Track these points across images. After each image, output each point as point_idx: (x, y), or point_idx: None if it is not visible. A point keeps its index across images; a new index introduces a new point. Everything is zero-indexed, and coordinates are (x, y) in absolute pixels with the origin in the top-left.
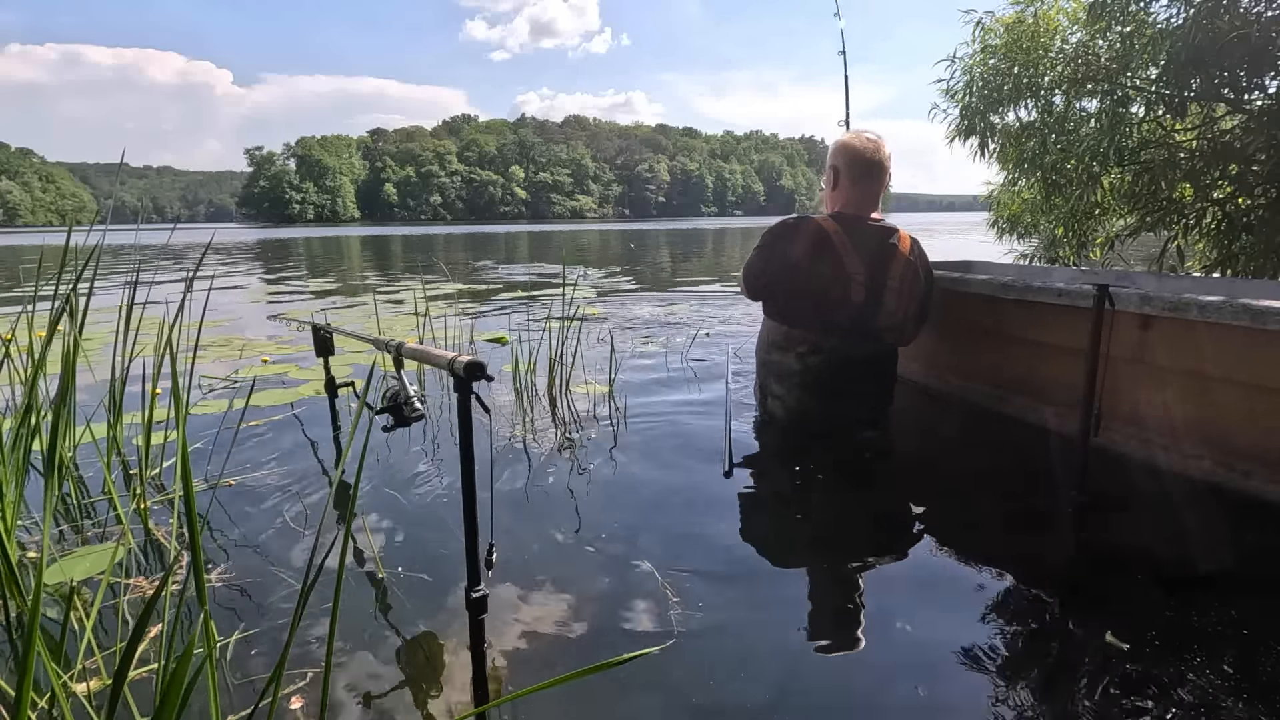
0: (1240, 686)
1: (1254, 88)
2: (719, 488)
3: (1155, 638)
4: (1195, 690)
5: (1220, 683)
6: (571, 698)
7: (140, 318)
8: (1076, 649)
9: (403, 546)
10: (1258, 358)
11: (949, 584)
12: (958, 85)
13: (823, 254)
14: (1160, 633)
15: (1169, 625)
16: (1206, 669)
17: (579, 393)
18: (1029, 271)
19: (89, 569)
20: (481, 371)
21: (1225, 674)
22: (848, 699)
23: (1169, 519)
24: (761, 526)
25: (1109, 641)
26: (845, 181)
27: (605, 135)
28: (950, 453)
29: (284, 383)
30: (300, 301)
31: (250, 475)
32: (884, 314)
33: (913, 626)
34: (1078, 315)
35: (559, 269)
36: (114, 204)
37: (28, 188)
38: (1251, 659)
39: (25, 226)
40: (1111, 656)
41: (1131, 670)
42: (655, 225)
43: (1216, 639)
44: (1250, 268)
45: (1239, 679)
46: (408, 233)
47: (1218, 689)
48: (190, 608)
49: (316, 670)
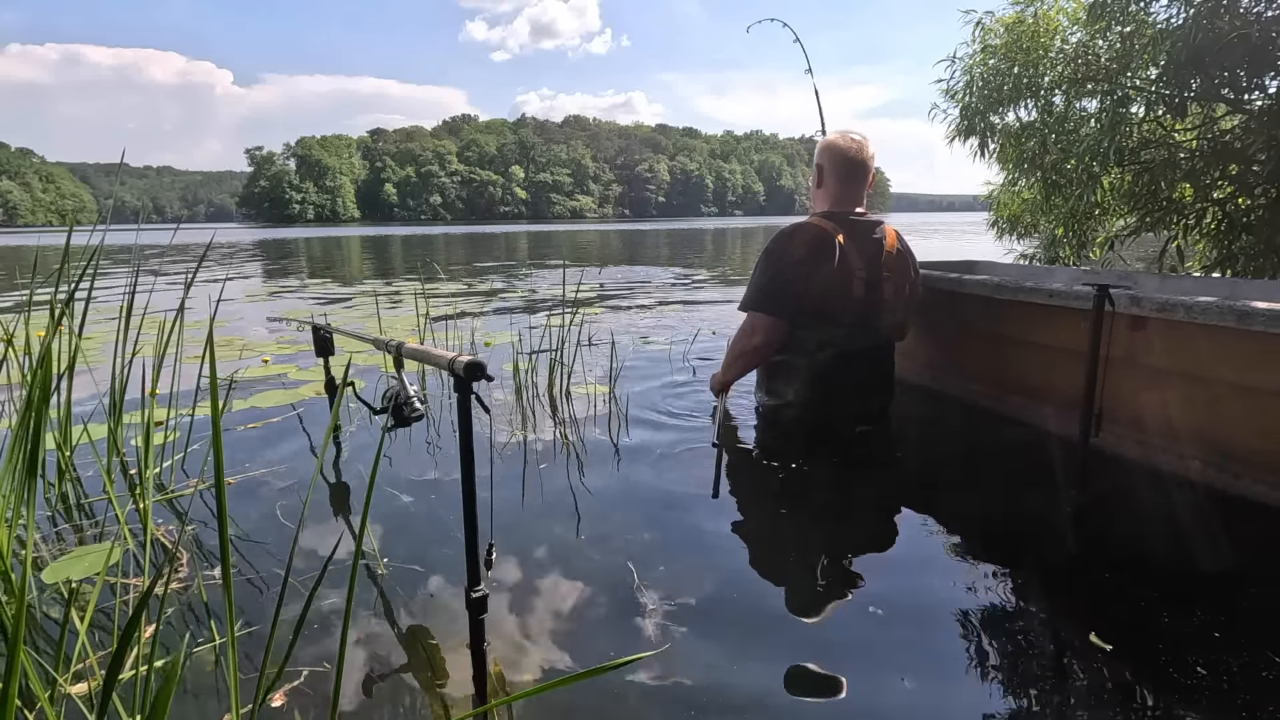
0: (1240, 686)
1: (1254, 88)
2: (720, 489)
3: (1154, 638)
4: (1194, 690)
5: (1219, 683)
6: (571, 698)
7: (142, 318)
8: (1075, 649)
9: (403, 546)
10: (1253, 359)
11: (948, 584)
12: (958, 85)
13: (824, 254)
14: (1160, 633)
15: (1168, 625)
16: (1205, 669)
17: (579, 393)
18: (1029, 272)
19: (87, 569)
20: (481, 371)
21: (1224, 674)
22: (847, 699)
23: (1168, 520)
24: (762, 527)
25: (1093, 642)
26: (831, 180)
27: (605, 135)
28: (950, 453)
29: (284, 383)
30: (300, 301)
31: (250, 475)
32: (885, 307)
33: (912, 626)
34: (1077, 316)
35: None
36: (114, 204)
37: (28, 188)
38: (1250, 659)
39: (25, 226)
40: (1099, 655)
41: (1130, 670)
42: (655, 225)
43: (1215, 639)
44: (1250, 268)
45: (1238, 679)
46: (408, 233)
47: (1217, 689)
48: (188, 607)
49: (313, 669)
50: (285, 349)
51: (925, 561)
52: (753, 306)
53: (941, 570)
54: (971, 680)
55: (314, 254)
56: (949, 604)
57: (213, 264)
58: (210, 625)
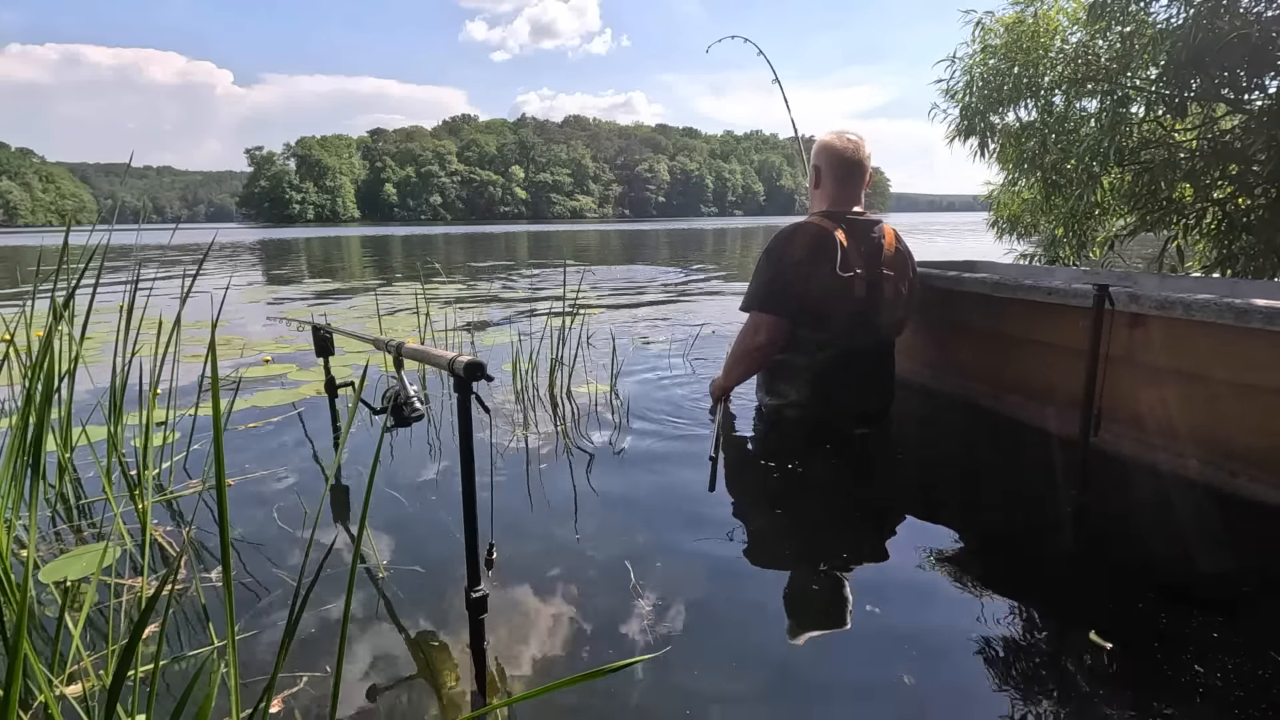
0: (1240, 686)
1: (1254, 88)
2: (720, 489)
3: (1154, 637)
4: (1194, 689)
5: (1219, 682)
6: (572, 698)
7: (142, 318)
8: (1075, 648)
9: (402, 546)
10: (1252, 358)
11: (948, 584)
12: (958, 85)
13: (824, 253)
14: (1160, 632)
15: (1168, 624)
16: (1205, 668)
17: (580, 392)
18: (1029, 271)
19: (85, 569)
20: (481, 371)
21: (1224, 673)
22: (846, 699)
23: (1168, 519)
24: (762, 527)
25: (1093, 640)
26: (829, 180)
27: (605, 135)
28: (949, 453)
29: (284, 383)
30: (300, 301)
31: (250, 475)
32: (885, 306)
33: (912, 626)
34: (1077, 315)
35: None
36: (115, 204)
37: (28, 188)
38: (1250, 658)
39: (25, 226)
40: (1100, 654)
41: (1129, 670)
42: (655, 225)
43: (1214, 638)
44: (1250, 268)
45: (1238, 678)
46: (408, 233)
47: (1217, 688)
48: (186, 610)
49: (312, 674)
50: (285, 349)
51: (925, 561)
52: (755, 306)
53: (941, 570)
54: (972, 680)
55: (314, 254)
56: (949, 604)
57: (213, 265)
58: (209, 628)
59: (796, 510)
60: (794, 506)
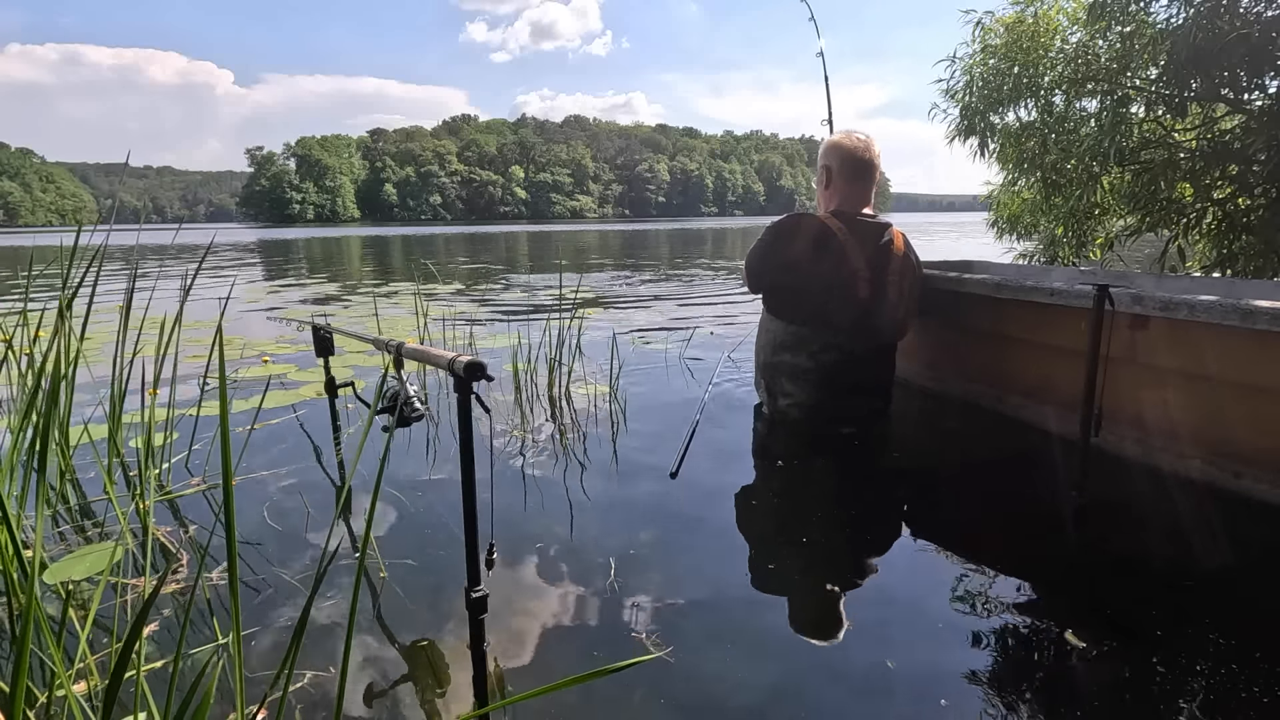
0: (1240, 685)
1: (1254, 88)
2: (720, 489)
3: (1156, 636)
4: (1194, 689)
5: (1220, 682)
6: (572, 699)
7: (142, 318)
8: (1075, 647)
9: (403, 546)
10: (1253, 358)
11: (948, 583)
12: (958, 85)
13: (826, 251)
14: (1161, 631)
15: (1169, 624)
16: (1205, 668)
17: (579, 393)
18: (1029, 272)
19: (89, 568)
20: (481, 371)
21: (1224, 673)
22: (846, 699)
23: (1168, 520)
24: (763, 528)
25: (1093, 640)
26: (839, 180)
27: (605, 135)
28: (950, 453)
29: (284, 384)
30: (300, 301)
31: (250, 475)
32: (888, 308)
33: (912, 626)
34: (1077, 316)
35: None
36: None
37: (28, 188)
38: (1250, 658)
39: (25, 226)
40: (1100, 654)
41: (1131, 669)
42: (655, 225)
43: (1215, 638)
44: (1250, 268)
45: (1237, 678)
46: (408, 233)
47: (1218, 688)
48: (189, 609)
49: (315, 673)
50: (285, 349)
51: (925, 561)
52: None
53: (941, 570)
54: (972, 679)
55: (314, 254)
56: (948, 603)
57: (213, 266)
58: (214, 626)
59: (797, 510)
60: (795, 507)
